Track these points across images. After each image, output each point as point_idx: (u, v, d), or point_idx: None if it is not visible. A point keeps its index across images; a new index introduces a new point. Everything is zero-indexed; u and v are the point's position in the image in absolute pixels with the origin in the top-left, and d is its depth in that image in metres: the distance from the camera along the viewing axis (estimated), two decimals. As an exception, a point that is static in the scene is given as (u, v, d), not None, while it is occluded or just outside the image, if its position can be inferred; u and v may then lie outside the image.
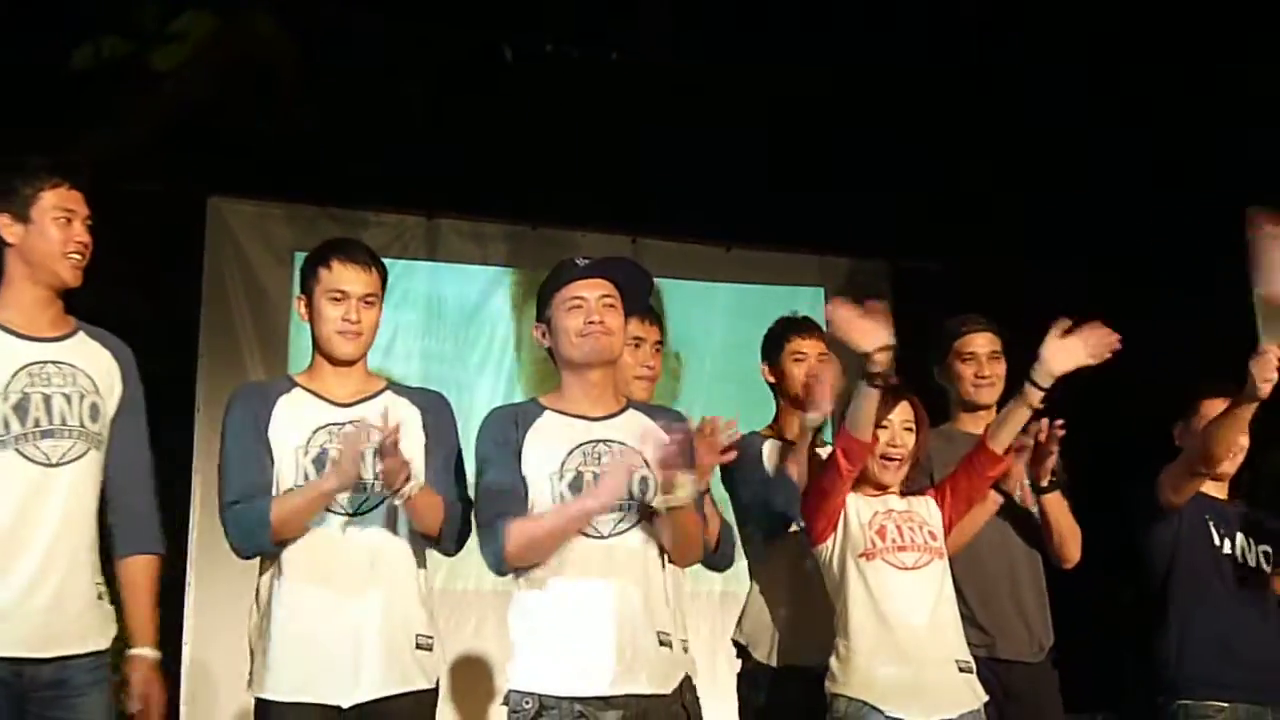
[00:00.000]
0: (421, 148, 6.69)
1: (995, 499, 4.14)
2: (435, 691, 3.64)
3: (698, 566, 3.85)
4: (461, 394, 6.51)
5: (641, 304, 3.85)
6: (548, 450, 3.48)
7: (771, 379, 4.45)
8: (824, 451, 4.15)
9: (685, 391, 6.96)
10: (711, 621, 5.80)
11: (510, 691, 3.44)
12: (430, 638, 3.62)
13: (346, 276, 3.62)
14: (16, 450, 3.33)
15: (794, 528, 4.13)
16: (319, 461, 3.53)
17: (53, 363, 3.42)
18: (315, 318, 3.64)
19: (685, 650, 3.73)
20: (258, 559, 3.63)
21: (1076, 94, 6.56)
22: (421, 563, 3.65)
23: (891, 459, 3.92)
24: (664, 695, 3.42)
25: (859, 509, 3.91)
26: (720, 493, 4.20)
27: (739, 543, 4.18)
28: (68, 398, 3.40)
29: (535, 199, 6.94)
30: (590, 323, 3.51)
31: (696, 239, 7.18)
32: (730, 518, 4.18)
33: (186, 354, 6.36)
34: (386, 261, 6.37)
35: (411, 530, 3.60)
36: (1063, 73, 6.51)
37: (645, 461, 3.45)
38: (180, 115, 6.15)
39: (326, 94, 6.39)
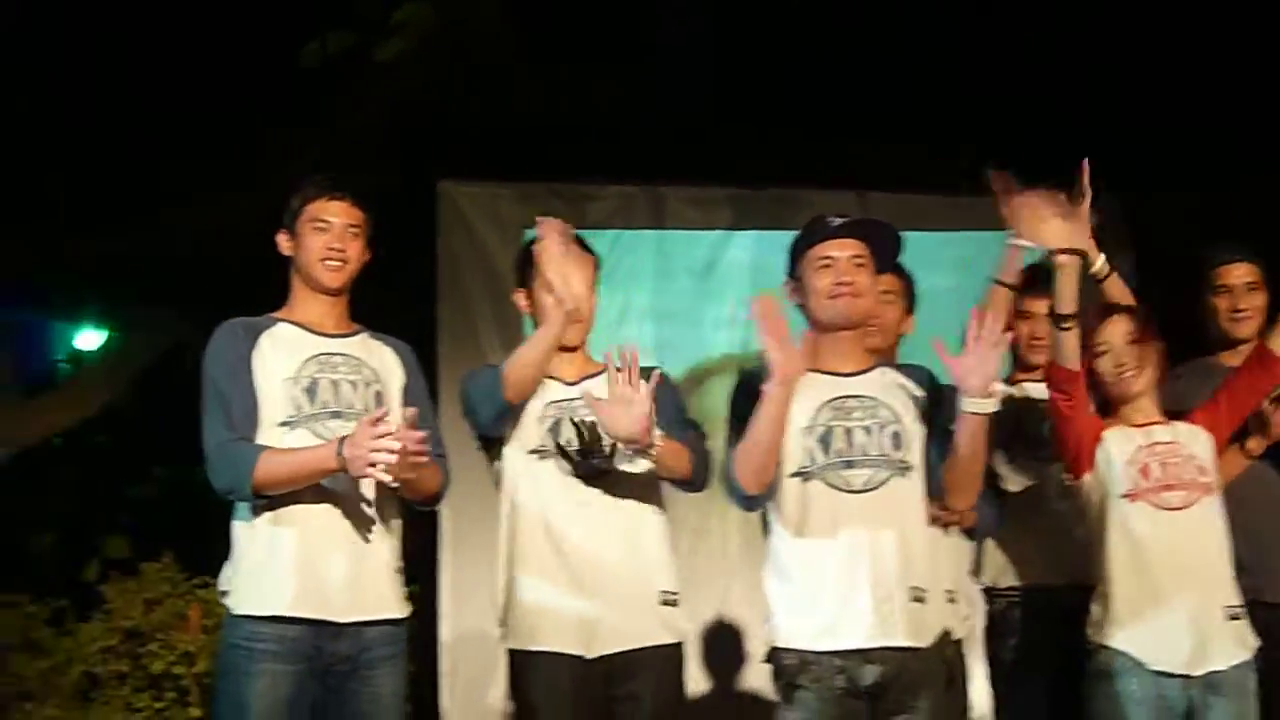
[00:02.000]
0: (640, 116, 6.71)
1: (1242, 461, 3.98)
2: (681, 647, 3.75)
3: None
4: (698, 359, 6.57)
5: (891, 263, 3.81)
6: (798, 406, 3.47)
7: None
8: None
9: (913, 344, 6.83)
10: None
11: (771, 649, 3.48)
12: (675, 594, 3.76)
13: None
14: (308, 429, 3.54)
15: None
16: (554, 430, 3.76)
17: (340, 354, 3.65)
18: (537, 310, 3.83)
19: (952, 601, 3.75)
20: (504, 525, 3.80)
21: None
22: (662, 518, 3.80)
23: (1125, 374, 3.78)
24: (922, 649, 3.41)
25: (1120, 445, 3.78)
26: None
27: None
28: (353, 384, 3.62)
29: (756, 160, 6.89)
30: (840, 284, 3.50)
31: (923, 190, 7.03)
32: None
33: (427, 339, 6.49)
34: (612, 233, 6.51)
35: (651, 489, 3.76)
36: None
37: (897, 416, 3.48)
38: (406, 104, 6.28)
39: (546, 72, 6.45)
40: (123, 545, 7.15)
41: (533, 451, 3.80)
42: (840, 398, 3.51)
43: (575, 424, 3.74)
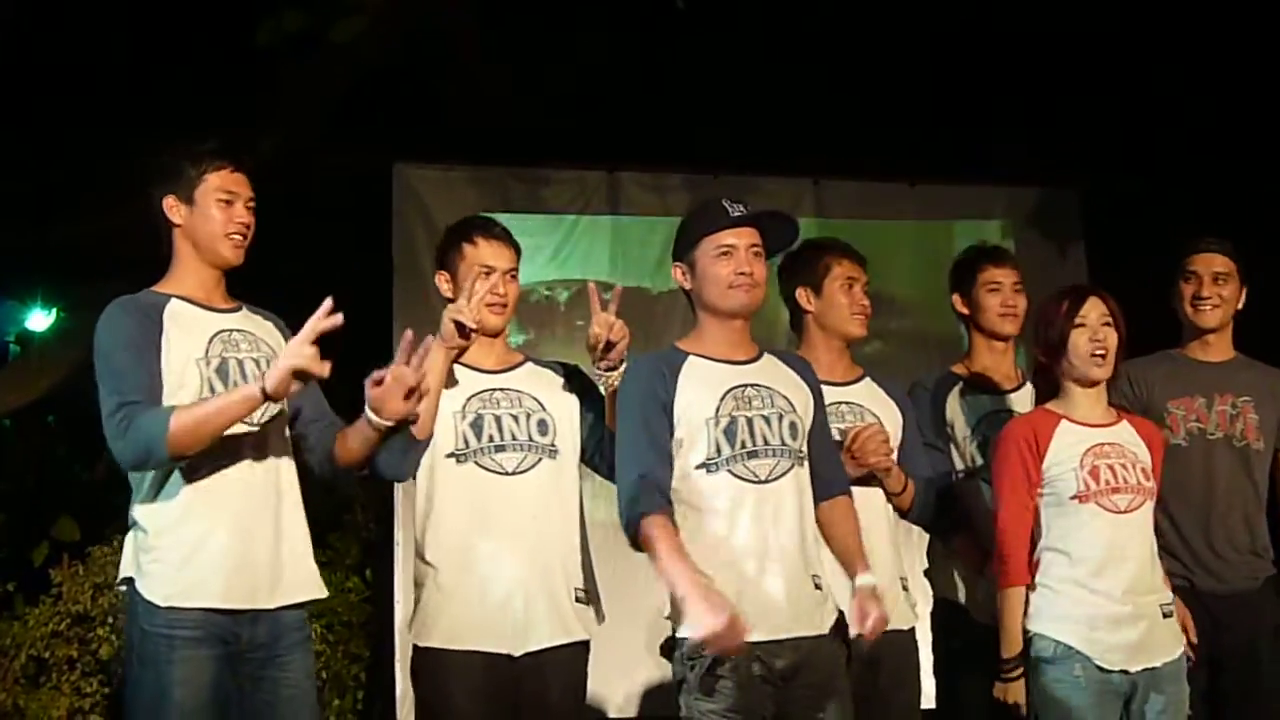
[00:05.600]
0: (600, 102, 6.71)
1: None
2: (588, 644, 3.77)
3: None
4: (649, 344, 6.56)
5: (781, 250, 3.76)
6: (701, 395, 3.46)
7: (965, 310, 4.37)
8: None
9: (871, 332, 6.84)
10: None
11: (681, 639, 3.40)
12: (587, 591, 3.78)
13: (490, 253, 3.78)
14: None
15: None
16: (476, 426, 3.73)
17: (238, 330, 3.55)
18: (458, 291, 3.75)
19: (905, 590, 3.97)
20: (418, 527, 3.81)
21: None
22: (580, 520, 3.80)
23: (1098, 355, 3.78)
24: (824, 635, 3.44)
25: (1070, 445, 3.76)
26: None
27: None
28: (256, 361, 3.51)
29: (715, 147, 6.91)
30: (741, 274, 3.48)
31: (880, 177, 7.07)
32: None
33: (381, 319, 6.47)
34: (570, 218, 6.48)
35: (568, 489, 3.78)
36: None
37: (792, 405, 3.50)
38: (363, 85, 6.25)
39: (504, 54, 6.44)
40: (72, 528, 7.08)
41: (450, 455, 3.73)
42: (740, 386, 3.48)
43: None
